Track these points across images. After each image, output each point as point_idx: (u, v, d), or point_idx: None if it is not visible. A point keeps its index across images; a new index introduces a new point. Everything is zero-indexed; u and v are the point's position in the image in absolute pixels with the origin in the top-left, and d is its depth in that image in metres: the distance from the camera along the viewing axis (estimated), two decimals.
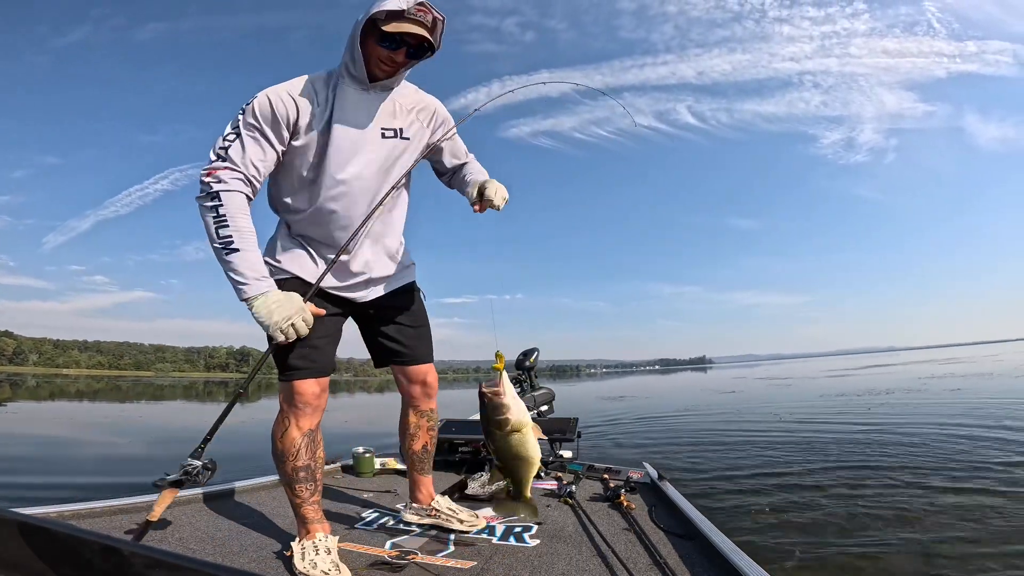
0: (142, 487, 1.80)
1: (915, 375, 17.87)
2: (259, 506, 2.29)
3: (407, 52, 1.49)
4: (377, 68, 1.50)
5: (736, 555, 1.49)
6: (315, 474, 1.60)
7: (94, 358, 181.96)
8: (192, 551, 1.73)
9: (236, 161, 1.41)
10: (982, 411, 6.97)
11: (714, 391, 16.09)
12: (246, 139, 1.42)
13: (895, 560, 2.32)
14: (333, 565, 1.49)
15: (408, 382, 1.84)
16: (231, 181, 1.39)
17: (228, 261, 1.37)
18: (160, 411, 13.84)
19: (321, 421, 1.64)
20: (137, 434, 8.27)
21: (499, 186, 1.62)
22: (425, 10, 1.42)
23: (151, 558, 0.36)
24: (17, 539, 0.37)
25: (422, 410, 1.87)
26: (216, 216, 1.36)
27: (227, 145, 1.42)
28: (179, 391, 30.63)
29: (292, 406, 1.57)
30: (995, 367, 18.99)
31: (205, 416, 11.31)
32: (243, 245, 1.37)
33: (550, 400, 4.04)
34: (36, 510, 1.93)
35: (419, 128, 1.67)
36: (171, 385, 46.50)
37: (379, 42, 1.45)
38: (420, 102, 1.68)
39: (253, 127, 1.43)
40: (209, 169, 1.40)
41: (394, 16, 1.39)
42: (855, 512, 2.95)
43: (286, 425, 1.57)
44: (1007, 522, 2.69)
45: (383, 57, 1.48)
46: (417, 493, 1.94)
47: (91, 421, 10.34)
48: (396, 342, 1.78)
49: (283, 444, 1.57)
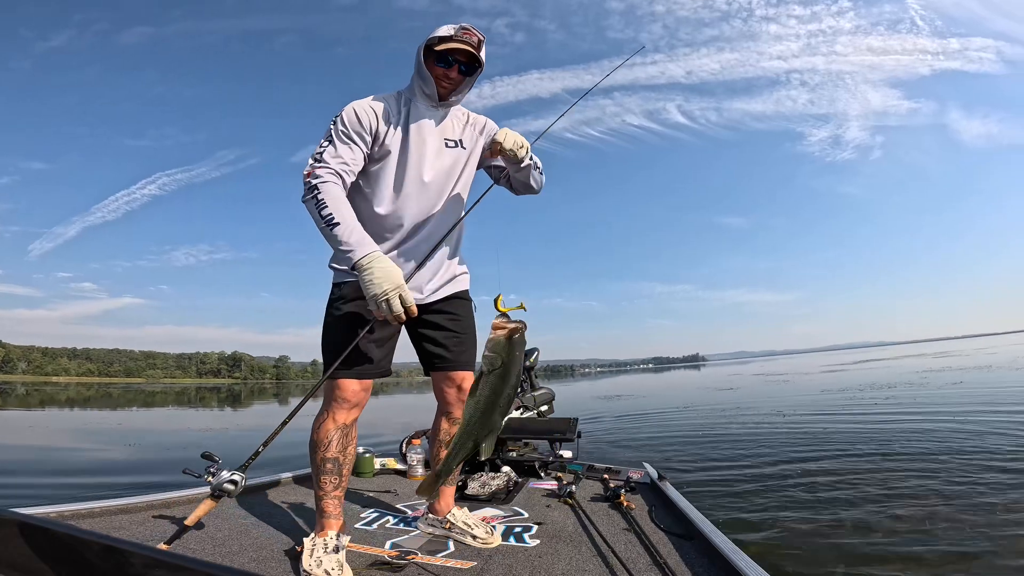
0: (141, 487, 1.79)
1: (912, 369, 17.79)
2: (259, 506, 2.29)
3: (459, 69, 1.70)
4: (439, 86, 1.71)
5: (736, 555, 1.49)
6: (342, 469, 1.68)
7: (84, 365, 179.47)
8: (192, 551, 1.73)
9: (328, 160, 1.59)
10: (993, 403, 6.94)
11: (712, 389, 15.97)
12: (337, 142, 1.62)
13: (906, 559, 2.30)
14: (338, 564, 1.51)
15: (445, 386, 1.87)
16: (325, 175, 1.56)
17: (333, 235, 1.49)
18: (152, 417, 13.67)
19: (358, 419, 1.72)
20: (133, 439, 8.24)
21: (511, 132, 1.74)
22: (469, 32, 1.66)
23: (151, 558, 0.36)
24: (17, 539, 0.37)
25: (454, 417, 1.89)
26: (317, 203, 1.52)
27: (321, 150, 1.61)
28: (171, 397, 30.32)
29: (331, 400, 1.67)
30: (991, 360, 18.93)
31: (197, 422, 11.30)
32: (342, 219, 1.50)
33: (550, 400, 4.05)
34: (36, 510, 1.94)
35: (474, 137, 1.85)
36: (162, 391, 45.94)
37: (436, 63, 1.68)
38: (470, 116, 1.88)
39: (342, 133, 1.63)
40: (308, 170, 1.58)
41: (444, 40, 1.65)
42: (861, 511, 2.92)
43: (324, 417, 1.67)
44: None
45: (440, 75, 1.69)
46: (435, 502, 1.94)
47: (90, 428, 10.28)
48: (442, 347, 1.82)
49: (318, 434, 1.66)
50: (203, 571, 0.35)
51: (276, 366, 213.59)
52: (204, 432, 9.11)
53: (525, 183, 1.85)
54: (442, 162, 1.74)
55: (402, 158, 1.69)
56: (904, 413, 6.72)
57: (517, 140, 1.71)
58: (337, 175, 1.58)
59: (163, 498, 2.21)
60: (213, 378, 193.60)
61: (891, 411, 7.00)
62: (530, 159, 1.77)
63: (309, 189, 1.55)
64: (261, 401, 24.40)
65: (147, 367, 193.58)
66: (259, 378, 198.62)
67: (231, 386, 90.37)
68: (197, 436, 8.32)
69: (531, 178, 1.83)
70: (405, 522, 2.08)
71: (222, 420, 12.86)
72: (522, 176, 1.81)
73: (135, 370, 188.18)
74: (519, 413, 3.76)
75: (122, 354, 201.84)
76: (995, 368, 14.24)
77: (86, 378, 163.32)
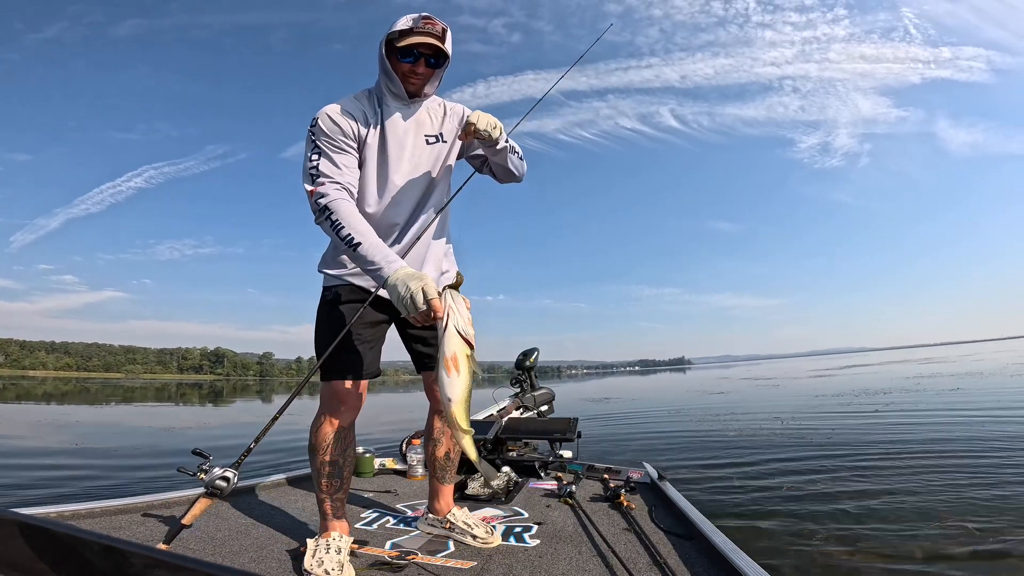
0: (137, 488, 1.79)
1: (901, 375, 17.62)
2: (259, 506, 2.29)
3: (426, 62, 1.62)
4: (406, 82, 1.64)
5: (736, 555, 1.49)
6: (342, 471, 1.68)
7: (62, 359, 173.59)
8: (192, 551, 1.73)
9: (329, 174, 1.54)
10: (997, 410, 6.89)
11: (702, 392, 15.65)
12: (327, 152, 1.56)
13: (902, 560, 2.29)
14: (338, 565, 1.51)
15: (435, 385, 1.85)
16: (332, 192, 1.51)
17: (357, 256, 1.46)
18: (129, 414, 13.33)
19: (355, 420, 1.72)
20: (102, 437, 8.19)
21: (483, 114, 1.67)
22: (431, 21, 1.57)
23: (151, 558, 0.36)
24: (17, 539, 0.37)
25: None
26: (332, 224, 1.48)
27: (315, 164, 1.55)
28: (150, 393, 29.34)
29: (329, 404, 1.66)
30: (979, 367, 18.82)
31: (177, 420, 11.19)
32: (362, 238, 1.46)
33: (550, 400, 4.05)
34: (36, 510, 1.94)
35: (453, 129, 1.79)
36: (142, 387, 44.33)
37: (400, 59, 1.60)
38: (447, 106, 1.82)
39: (328, 141, 1.57)
40: (310, 191, 1.53)
41: (405, 34, 1.56)
42: (867, 514, 2.90)
43: (321, 421, 1.67)
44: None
45: (406, 71, 1.62)
46: (435, 503, 1.93)
47: (60, 423, 10.13)
48: (433, 346, 1.80)
49: (316, 438, 1.66)
50: (203, 571, 0.35)
51: (260, 363, 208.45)
52: (186, 430, 8.92)
53: (504, 167, 1.79)
54: (424, 159, 1.72)
55: (383, 159, 1.65)
56: (911, 419, 6.59)
57: (490, 121, 1.66)
58: (343, 189, 1.54)
59: (163, 498, 2.21)
60: (195, 374, 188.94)
61: (896, 417, 6.84)
62: (506, 142, 1.72)
63: (320, 211, 1.50)
64: (244, 398, 24.10)
65: (127, 362, 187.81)
66: (242, 375, 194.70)
67: (213, 382, 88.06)
68: (178, 435, 8.15)
69: (509, 161, 1.77)
70: (405, 522, 2.08)
71: (203, 417, 12.66)
72: (500, 159, 1.76)
73: (114, 365, 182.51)
74: (519, 413, 3.76)
75: (101, 348, 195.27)
76: (987, 375, 14.14)
77: (63, 372, 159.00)
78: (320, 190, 1.51)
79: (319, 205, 1.50)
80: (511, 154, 1.78)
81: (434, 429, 1.91)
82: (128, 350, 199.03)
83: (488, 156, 1.79)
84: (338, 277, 1.69)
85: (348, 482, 1.71)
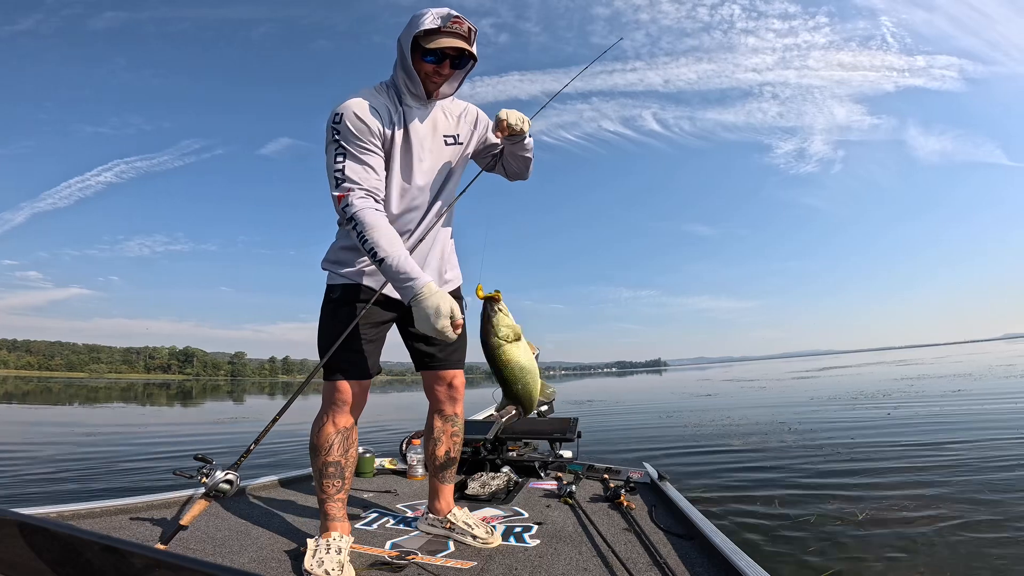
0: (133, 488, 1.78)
1: (887, 376, 17.48)
2: (259, 506, 2.29)
3: (451, 63, 1.58)
4: (428, 82, 1.61)
5: (736, 555, 1.49)
6: (344, 472, 1.67)
7: (23, 358, 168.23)
8: (192, 551, 1.73)
9: (356, 179, 1.49)
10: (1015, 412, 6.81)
11: (689, 394, 15.14)
12: (354, 154, 1.51)
13: (902, 562, 2.29)
14: (338, 565, 1.51)
15: (436, 385, 1.87)
16: (358, 203, 1.47)
17: (383, 269, 1.43)
18: (95, 415, 12.92)
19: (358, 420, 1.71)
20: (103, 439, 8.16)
21: (511, 111, 1.70)
22: (460, 22, 1.51)
23: (151, 558, 0.36)
24: (17, 539, 0.37)
25: (446, 414, 1.89)
26: (358, 235, 1.45)
27: (340, 168, 1.49)
28: (115, 393, 28.52)
29: (331, 404, 1.65)
30: (962, 368, 18.62)
31: (142, 418, 11.01)
32: (387, 253, 1.42)
33: (550, 400, 4.04)
34: (36, 510, 1.94)
35: (469, 130, 1.79)
36: (106, 387, 42.91)
37: (423, 58, 1.55)
38: (461, 107, 1.80)
39: (355, 141, 1.51)
40: (339, 194, 1.49)
41: (432, 33, 1.50)
42: (870, 515, 2.89)
43: (323, 421, 1.65)
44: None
45: (430, 72, 1.57)
46: (435, 502, 1.93)
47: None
48: (434, 346, 1.81)
49: (318, 439, 1.65)
50: (203, 571, 0.35)
51: (231, 363, 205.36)
52: (147, 432, 8.62)
53: (524, 159, 1.83)
54: (443, 160, 1.71)
55: (407, 161, 1.63)
56: (933, 421, 6.37)
57: (520, 116, 1.71)
58: (369, 196, 1.50)
59: (163, 498, 2.21)
60: (162, 374, 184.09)
61: (919, 420, 6.57)
62: (529, 136, 1.77)
63: (347, 220, 1.48)
64: (215, 398, 23.76)
65: (91, 361, 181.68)
66: (212, 375, 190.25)
67: (182, 382, 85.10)
68: (141, 437, 7.91)
69: (530, 152, 1.81)
70: (405, 522, 2.08)
71: (167, 416, 12.53)
72: (521, 151, 1.79)
73: (78, 364, 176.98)
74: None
75: (65, 347, 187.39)
76: (978, 377, 13.99)
77: (24, 371, 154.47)
78: (347, 197, 1.47)
79: (346, 214, 1.47)
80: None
81: (434, 429, 1.90)
82: (92, 349, 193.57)
83: (512, 151, 1.82)
84: (346, 276, 1.67)
85: (349, 483, 1.71)
